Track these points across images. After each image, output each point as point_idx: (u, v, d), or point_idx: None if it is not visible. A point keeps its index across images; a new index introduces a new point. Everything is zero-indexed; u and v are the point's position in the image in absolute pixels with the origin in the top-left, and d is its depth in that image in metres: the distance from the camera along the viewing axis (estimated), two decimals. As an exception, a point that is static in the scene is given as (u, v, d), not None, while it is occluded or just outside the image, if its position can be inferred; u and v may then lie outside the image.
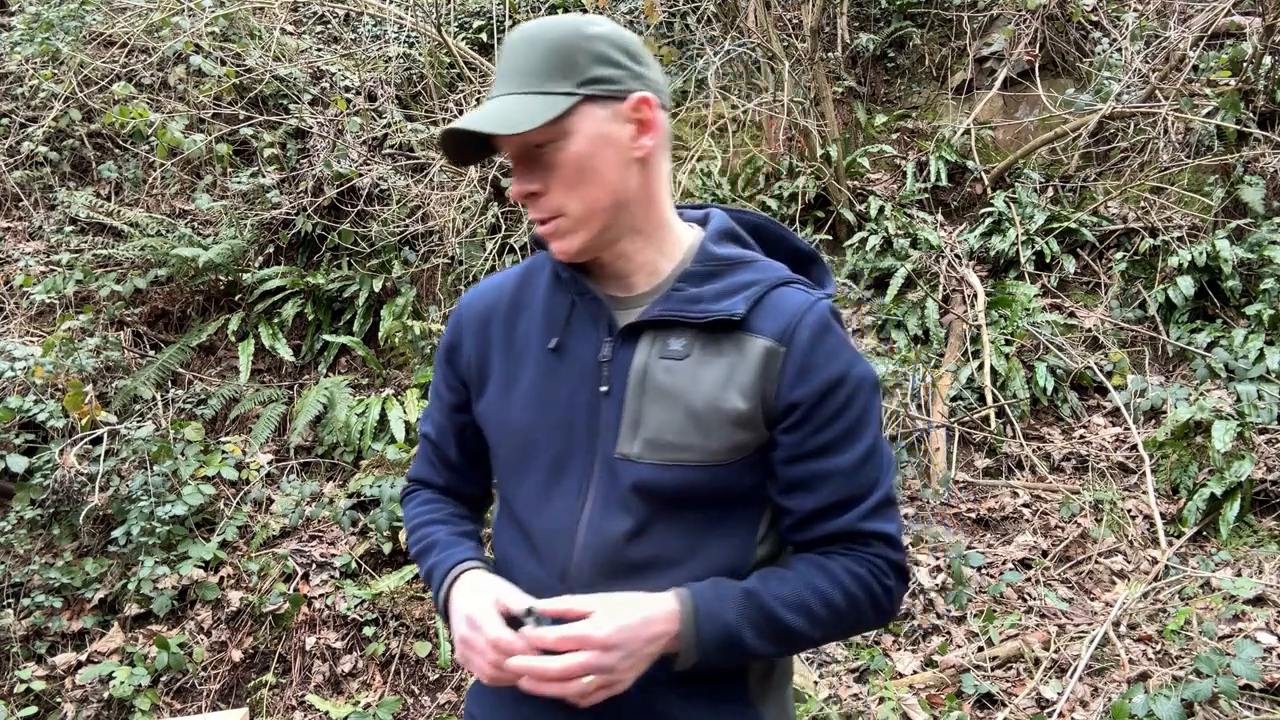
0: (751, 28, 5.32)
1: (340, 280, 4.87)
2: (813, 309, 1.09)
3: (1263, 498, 3.51)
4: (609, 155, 1.06)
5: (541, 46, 1.04)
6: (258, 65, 5.19)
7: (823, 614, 1.07)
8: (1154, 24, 5.23)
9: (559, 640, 0.98)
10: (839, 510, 1.09)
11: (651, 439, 1.08)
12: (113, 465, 3.75)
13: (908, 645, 3.20)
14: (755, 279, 1.12)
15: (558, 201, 1.06)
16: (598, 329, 1.13)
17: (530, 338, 1.17)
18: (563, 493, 1.13)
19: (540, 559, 1.13)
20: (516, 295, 1.22)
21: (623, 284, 1.15)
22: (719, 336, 1.09)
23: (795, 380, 1.07)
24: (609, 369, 1.11)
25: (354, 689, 3.43)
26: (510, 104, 1.03)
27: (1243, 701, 2.54)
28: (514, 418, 1.16)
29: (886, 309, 4.66)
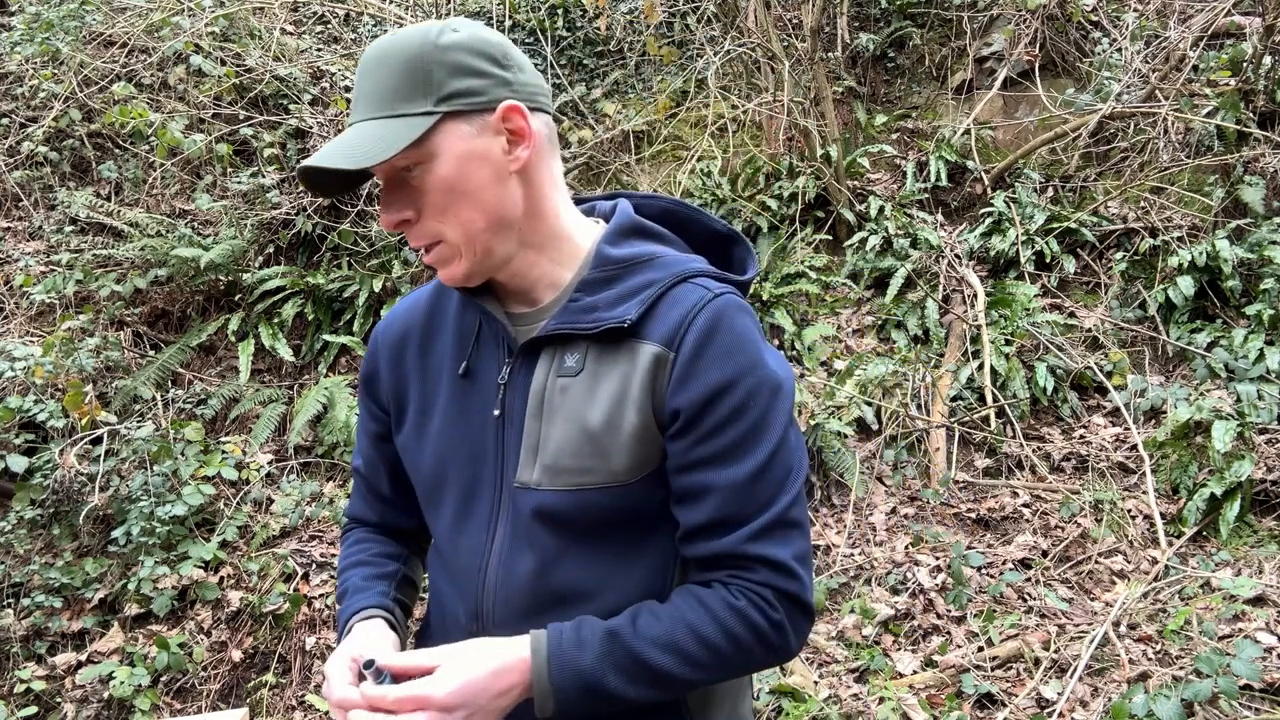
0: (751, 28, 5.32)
1: (340, 280, 4.87)
2: (707, 307, 0.99)
3: (1263, 498, 3.51)
4: (481, 173, 0.98)
5: (393, 64, 0.96)
6: (258, 65, 5.19)
7: (698, 653, 0.97)
8: (1154, 24, 5.23)
9: (397, 701, 0.92)
10: (723, 529, 0.99)
11: (550, 464, 1.01)
12: (113, 465, 3.75)
13: (908, 645, 3.20)
14: (653, 279, 1.03)
15: (433, 228, 0.99)
16: (499, 349, 1.07)
17: (443, 362, 1.12)
18: (472, 528, 1.07)
19: (458, 597, 1.09)
20: (430, 315, 1.16)
21: (525, 299, 1.08)
22: (612, 347, 1.01)
23: (678, 386, 0.98)
24: (506, 392, 1.05)
25: (354, 689, 3.43)
26: (364, 132, 0.95)
27: (1243, 701, 2.54)
28: (427, 450, 1.11)
29: (886, 309, 4.66)
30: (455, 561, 1.09)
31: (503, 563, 1.05)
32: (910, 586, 3.39)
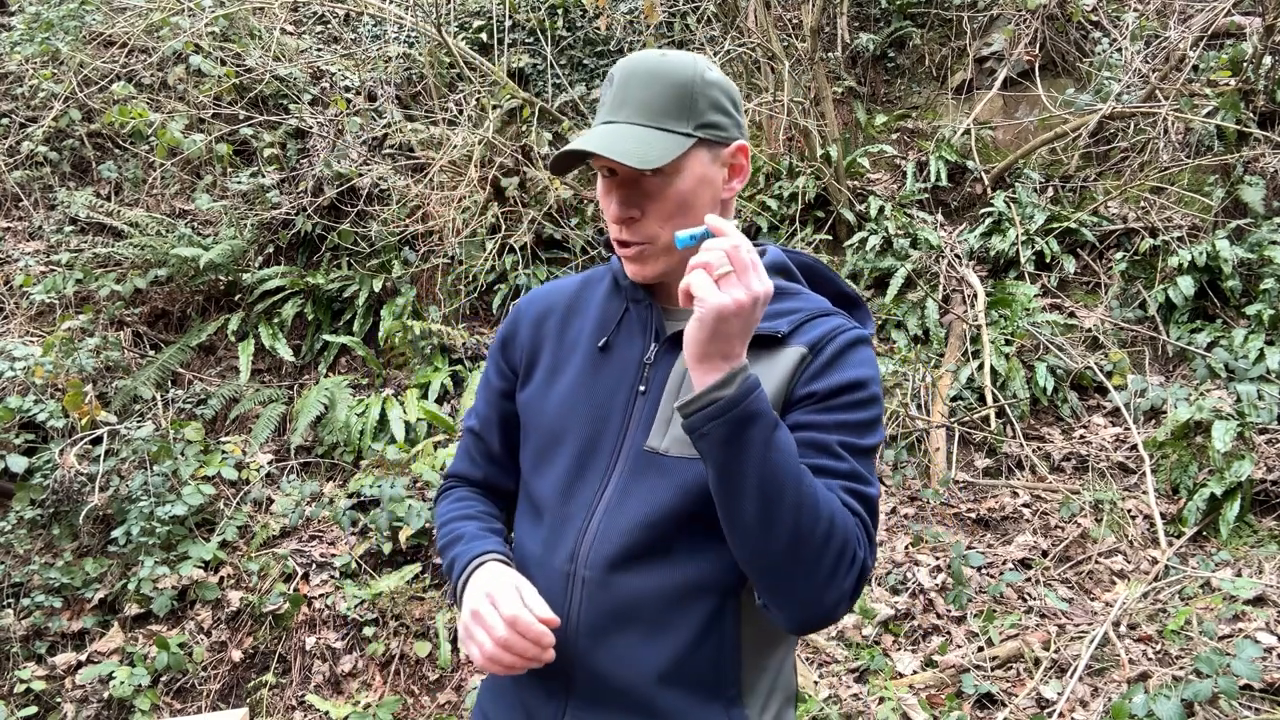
0: (751, 28, 5.32)
1: (340, 280, 4.87)
2: (851, 331, 1.15)
3: (1263, 498, 3.51)
4: (705, 195, 1.14)
5: (665, 83, 1.10)
6: (258, 65, 5.19)
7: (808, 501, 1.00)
8: (1154, 24, 5.23)
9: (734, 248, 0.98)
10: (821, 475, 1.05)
11: (681, 436, 1.11)
12: (113, 465, 3.75)
13: (908, 645, 3.20)
14: (800, 307, 1.19)
15: (653, 230, 1.13)
16: (646, 334, 1.20)
17: (581, 336, 1.25)
18: (585, 480, 1.17)
19: (554, 541, 1.17)
20: (575, 299, 1.30)
21: (676, 300, 1.20)
22: (759, 351, 1.13)
23: (814, 376, 1.11)
24: (650, 370, 1.18)
25: (354, 689, 3.43)
26: (637, 136, 1.08)
27: (1243, 701, 2.54)
28: (551, 405, 1.22)
29: (886, 309, 4.66)
30: (561, 509, 1.18)
31: (609, 513, 1.14)
32: (910, 586, 3.39)
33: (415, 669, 3.48)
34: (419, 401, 4.37)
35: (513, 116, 5.33)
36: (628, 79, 1.12)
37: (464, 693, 3.34)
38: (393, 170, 4.92)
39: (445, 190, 4.84)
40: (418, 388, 4.48)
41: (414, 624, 3.57)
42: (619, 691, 1.11)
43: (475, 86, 5.09)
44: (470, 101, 5.07)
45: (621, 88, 1.12)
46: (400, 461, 4.03)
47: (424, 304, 4.90)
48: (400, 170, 4.99)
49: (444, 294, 4.88)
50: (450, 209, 4.74)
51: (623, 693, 1.11)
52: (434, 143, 4.99)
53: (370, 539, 3.82)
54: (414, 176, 4.97)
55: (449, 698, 3.38)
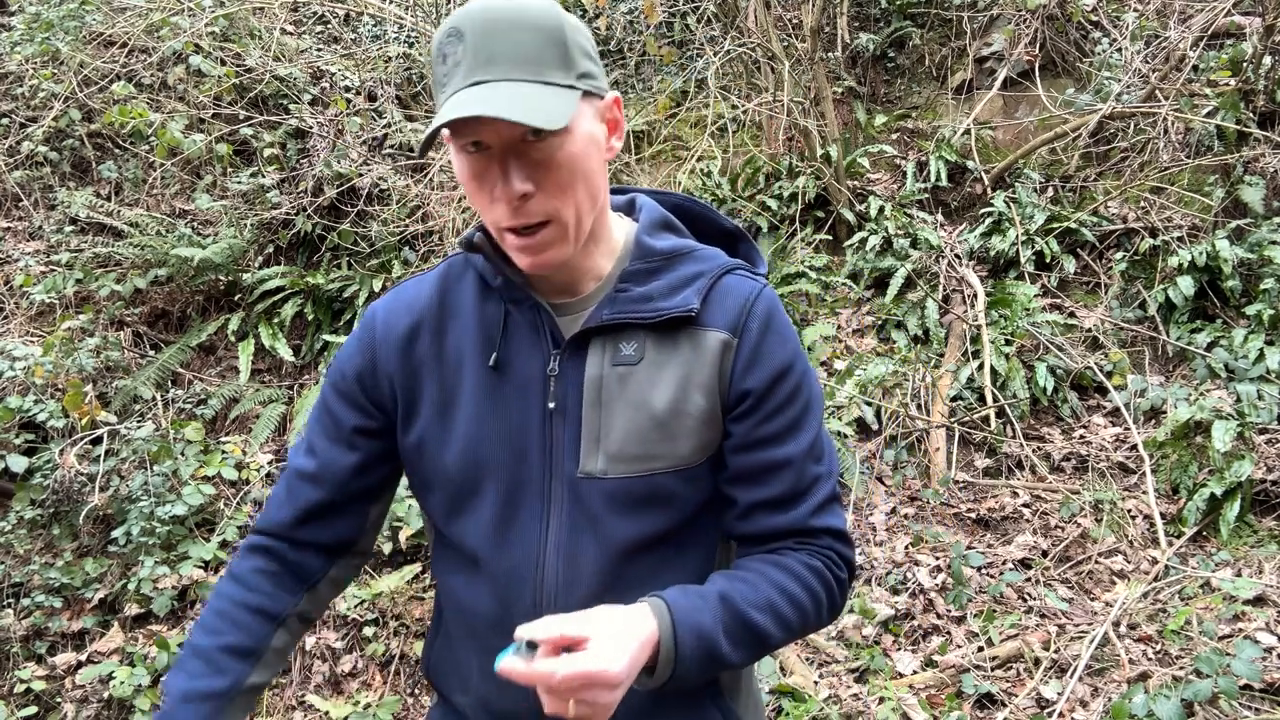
0: (751, 28, 5.32)
1: (340, 280, 4.87)
2: (761, 296, 1.06)
3: (1263, 498, 3.51)
4: (594, 157, 0.97)
5: (534, 31, 0.92)
6: (258, 65, 5.19)
7: (788, 613, 1.02)
8: (1154, 24, 5.23)
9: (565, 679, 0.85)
10: (788, 504, 1.05)
11: (615, 452, 1.02)
12: (113, 465, 3.75)
13: (908, 645, 3.20)
14: (699, 270, 1.06)
15: (551, 205, 0.95)
16: (541, 340, 1.05)
17: (463, 354, 1.07)
18: (521, 525, 1.05)
19: (506, 597, 1.05)
20: (439, 306, 1.10)
21: (568, 290, 1.07)
22: (672, 335, 1.04)
23: (746, 369, 1.04)
24: (557, 384, 1.04)
25: (354, 689, 3.43)
26: (526, 92, 0.90)
27: (1243, 701, 2.54)
28: (454, 448, 1.06)
29: (886, 309, 4.66)
30: (499, 563, 1.05)
31: (562, 556, 1.03)
32: (910, 586, 3.39)
33: (415, 669, 3.48)
34: (419, 401, 4.37)
35: (513, 116, 5.32)
36: (487, 30, 0.91)
37: (464, 693, 3.34)
38: (393, 170, 4.92)
39: (445, 190, 4.84)
40: (418, 388, 4.48)
41: (414, 624, 3.57)
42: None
43: (475, 86, 5.08)
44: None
45: (483, 40, 0.91)
46: (400, 461, 4.03)
47: (424, 304, 4.90)
48: (400, 170, 4.99)
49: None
50: (450, 209, 4.74)
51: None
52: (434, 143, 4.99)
53: (370, 539, 3.81)
54: (414, 176, 4.97)
55: (449, 698, 3.38)
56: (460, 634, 1.13)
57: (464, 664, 1.13)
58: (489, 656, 1.00)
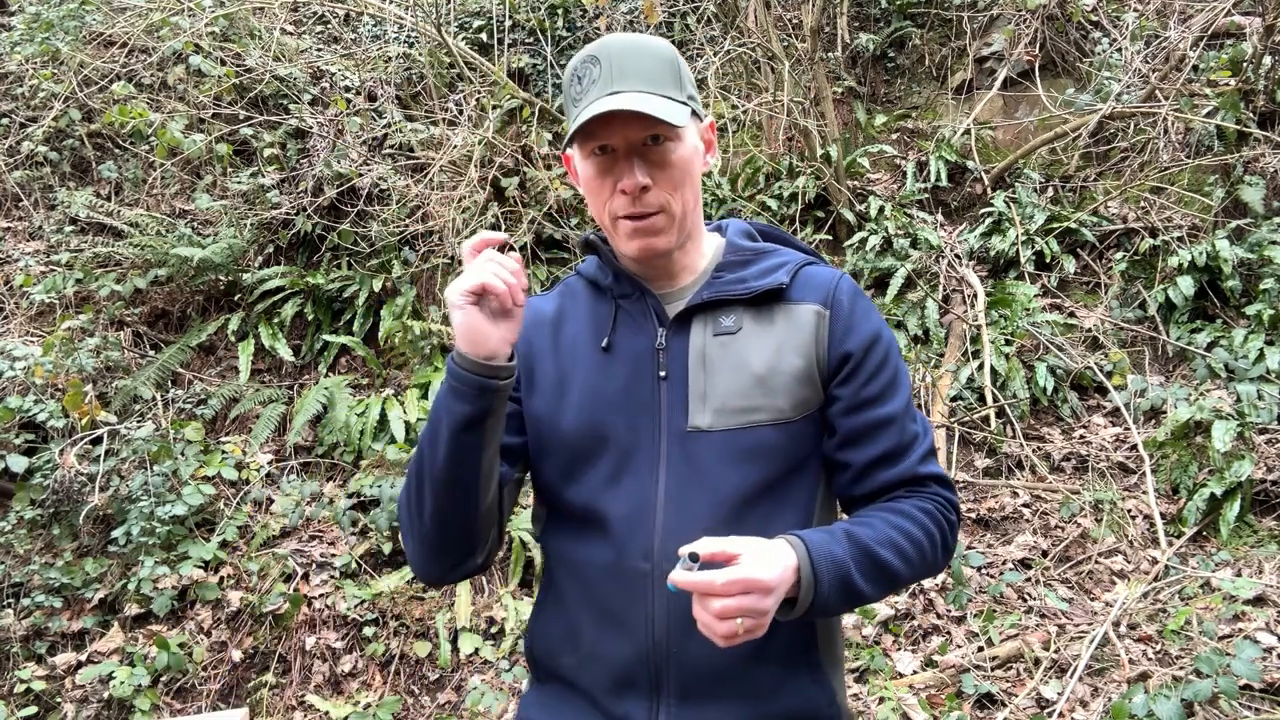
0: (751, 28, 5.32)
1: (340, 280, 4.87)
2: (843, 278, 1.23)
3: (1263, 498, 3.51)
4: (696, 164, 1.19)
5: (655, 56, 1.15)
6: (258, 65, 5.19)
7: (910, 550, 1.12)
8: (1154, 24, 5.23)
9: (726, 584, 0.96)
10: (896, 458, 1.17)
11: (720, 407, 1.15)
12: (113, 465, 3.75)
13: (908, 645, 3.20)
14: (784, 261, 1.24)
15: (663, 198, 1.15)
16: (648, 322, 1.22)
17: (578, 342, 1.25)
18: (634, 477, 1.16)
19: (620, 544, 1.15)
20: (558, 310, 1.30)
21: (666, 283, 1.24)
22: (766, 309, 1.20)
23: (843, 335, 1.18)
24: (665, 356, 1.19)
25: (354, 689, 3.43)
26: (652, 100, 1.10)
27: (1243, 701, 2.54)
28: (570, 418, 1.20)
29: (886, 309, 4.66)
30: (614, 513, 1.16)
31: (673, 504, 1.14)
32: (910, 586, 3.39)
33: (415, 669, 3.48)
34: (419, 401, 4.37)
35: (513, 116, 5.33)
36: (619, 53, 1.14)
37: (464, 693, 3.33)
38: (393, 170, 4.92)
39: (445, 190, 4.84)
40: (418, 388, 4.48)
41: (414, 624, 3.57)
42: (715, 677, 1.13)
43: (475, 86, 5.09)
44: (470, 101, 5.07)
45: (616, 60, 1.13)
46: (400, 461, 4.03)
47: (424, 304, 4.90)
48: (400, 170, 4.99)
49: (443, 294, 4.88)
50: (450, 209, 4.74)
51: (719, 678, 1.13)
52: (434, 143, 4.99)
53: (370, 539, 3.82)
54: (414, 176, 4.97)
55: (449, 698, 3.38)
56: (574, 595, 1.21)
57: (576, 622, 1.21)
58: (604, 607, 1.17)
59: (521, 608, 3.57)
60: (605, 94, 1.12)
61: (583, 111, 1.11)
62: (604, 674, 1.17)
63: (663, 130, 1.12)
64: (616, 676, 1.16)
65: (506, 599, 3.61)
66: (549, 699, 1.26)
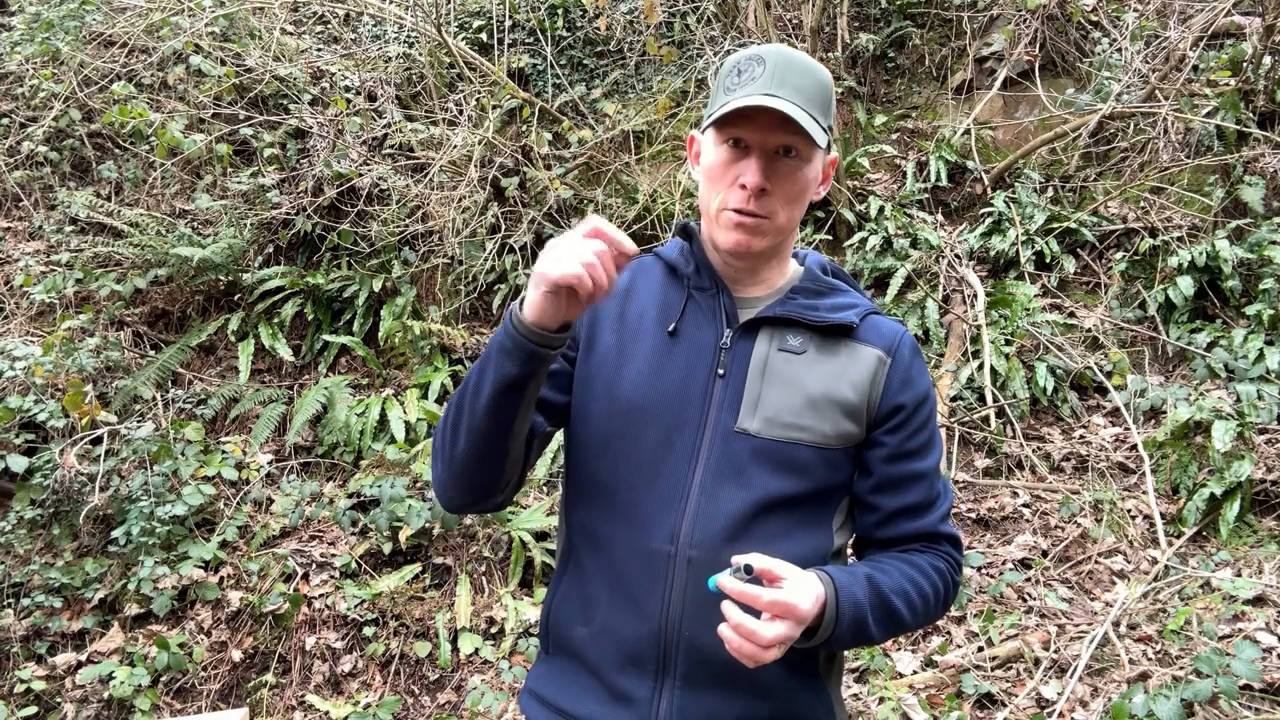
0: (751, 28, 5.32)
1: (340, 280, 4.87)
2: (907, 334, 1.30)
3: (1263, 498, 3.51)
4: (810, 190, 1.24)
5: (816, 80, 1.19)
6: (258, 65, 5.19)
7: (918, 603, 1.19)
8: (1154, 24, 5.23)
9: (770, 604, 1.02)
10: (921, 512, 1.25)
11: (771, 417, 1.20)
12: (113, 465, 3.75)
13: (908, 645, 3.20)
14: (855, 303, 1.30)
15: (774, 206, 1.19)
16: (716, 320, 1.26)
17: (644, 320, 1.28)
18: (673, 463, 1.20)
19: (647, 524, 1.19)
20: (628, 284, 1.32)
21: (744, 288, 1.29)
22: (833, 340, 1.25)
23: (900, 386, 1.25)
24: (728, 355, 1.24)
25: (354, 689, 3.43)
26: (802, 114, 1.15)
27: (1243, 701, 2.54)
28: (624, 387, 1.24)
29: (886, 309, 4.66)
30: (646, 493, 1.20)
31: (705, 493, 1.19)
32: (910, 587, 3.38)
33: (415, 669, 3.48)
34: (419, 401, 4.38)
35: (513, 116, 5.33)
36: (785, 64, 1.17)
37: (464, 693, 3.34)
38: (393, 170, 4.92)
39: (445, 190, 4.84)
40: (418, 388, 4.49)
41: (414, 624, 3.57)
42: (721, 668, 1.14)
43: (475, 86, 5.09)
44: (470, 101, 5.06)
45: (779, 69, 1.17)
46: (400, 461, 4.03)
47: (424, 304, 4.90)
48: (400, 170, 4.99)
49: (444, 294, 4.88)
50: (450, 209, 4.74)
51: (724, 669, 1.14)
52: (434, 143, 4.99)
53: (370, 539, 3.82)
54: (414, 176, 4.96)
55: (449, 698, 3.38)
56: (593, 568, 1.24)
57: (593, 596, 1.24)
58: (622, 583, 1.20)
59: (522, 607, 3.57)
60: (762, 93, 1.15)
61: (736, 99, 1.15)
62: (613, 649, 1.21)
63: (799, 145, 1.17)
64: (625, 653, 1.19)
65: (506, 599, 3.61)
66: (555, 673, 1.28)
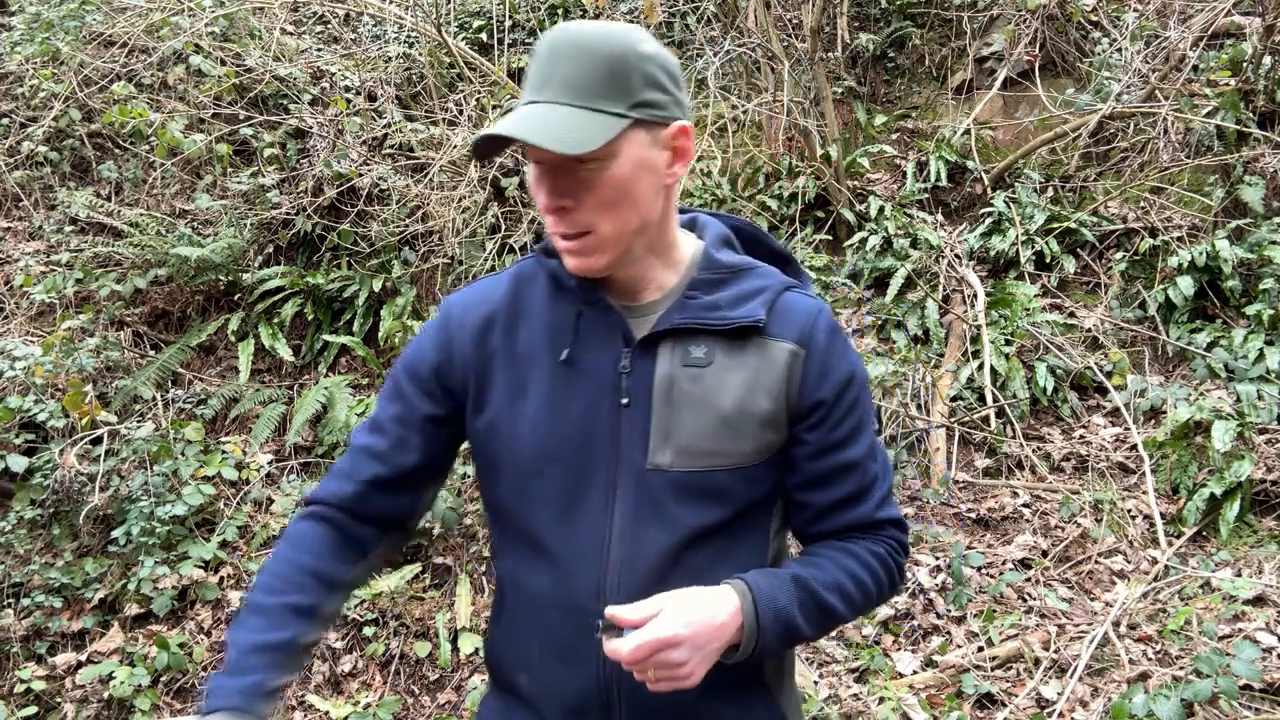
0: (751, 28, 5.32)
1: (340, 280, 4.87)
2: (822, 313, 1.16)
3: (1263, 498, 3.51)
4: (646, 181, 1.05)
5: (596, 59, 1.00)
6: (258, 65, 5.19)
7: (855, 594, 1.14)
8: (1154, 24, 5.23)
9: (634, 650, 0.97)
10: (856, 502, 1.16)
11: (684, 446, 1.09)
12: (113, 465, 3.75)
13: (908, 645, 3.20)
14: (763, 285, 1.15)
15: (589, 219, 1.04)
16: (612, 339, 1.12)
17: (535, 348, 1.14)
18: (587, 510, 1.11)
19: (569, 579, 1.11)
20: (512, 303, 1.17)
21: (631, 296, 1.14)
22: (740, 342, 1.12)
23: (818, 380, 1.13)
24: (629, 380, 1.11)
25: (354, 689, 3.43)
26: (564, 118, 0.99)
27: (1243, 701, 2.54)
28: (525, 432, 1.12)
29: (886, 309, 4.66)
30: (565, 546, 1.11)
31: (626, 541, 1.10)
32: (910, 586, 3.39)
33: (415, 669, 3.48)
34: (419, 401, 4.37)
35: (513, 116, 5.31)
36: (554, 53, 1.01)
37: (464, 693, 3.34)
38: (393, 170, 4.92)
39: (445, 190, 4.84)
40: (418, 388, 4.48)
41: (414, 624, 3.57)
42: (667, 710, 1.11)
43: (475, 86, 5.09)
44: (470, 101, 5.06)
45: (547, 63, 1.01)
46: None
47: (424, 304, 4.90)
48: (400, 170, 4.99)
49: (444, 294, 4.88)
50: (450, 209, 4.74)
51: (671, 710, 1.11)
52: (434, 143, 4.99)
53: (370, 539, 3.81)
54: (414, 176, 4.96)
55: (449, 698, 3.38)
56: (524, 618, 1.17)
57: (526, 646, 1.17)
58: (552, 638, 1.13)
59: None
60: (527, 101, 1.02)
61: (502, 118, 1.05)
62: (557, 702, 1.15)
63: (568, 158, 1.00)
64: (568, 706, 1.14)
65: (506, 599, 3.61)
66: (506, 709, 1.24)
